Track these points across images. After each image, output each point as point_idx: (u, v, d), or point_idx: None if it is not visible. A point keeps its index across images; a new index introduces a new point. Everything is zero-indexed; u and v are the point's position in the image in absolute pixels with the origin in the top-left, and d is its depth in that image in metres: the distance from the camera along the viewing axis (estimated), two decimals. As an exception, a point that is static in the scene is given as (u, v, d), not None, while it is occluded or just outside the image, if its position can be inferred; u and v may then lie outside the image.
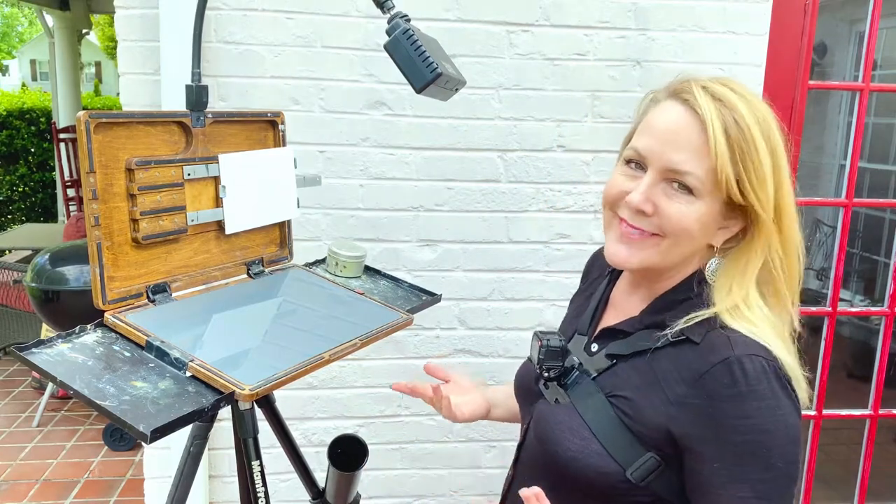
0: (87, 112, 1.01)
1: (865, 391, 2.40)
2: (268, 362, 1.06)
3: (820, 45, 5.12)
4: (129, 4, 1.82)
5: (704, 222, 0.96)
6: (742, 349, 0.91)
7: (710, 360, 0.92)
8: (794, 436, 0.90)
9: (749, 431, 0.89)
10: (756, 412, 0.89)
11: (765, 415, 0.89)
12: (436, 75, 1.07)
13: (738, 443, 0.89)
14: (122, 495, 3.12)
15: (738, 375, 0.89)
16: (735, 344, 0.92)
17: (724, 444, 0.90)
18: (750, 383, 0.89)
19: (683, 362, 0.94)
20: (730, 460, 0.90)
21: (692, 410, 0.92)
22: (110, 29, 21.03)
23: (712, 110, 0.94)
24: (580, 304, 1.23)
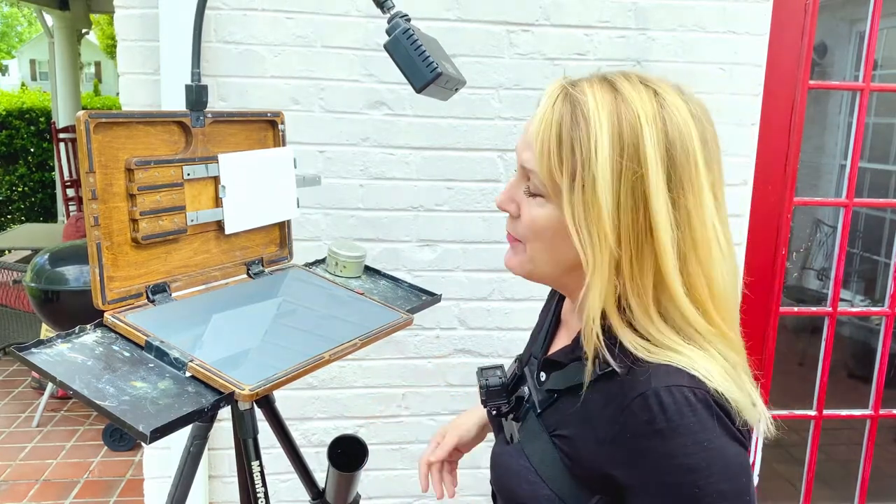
0: (87, 112, 1.01)
1: (865, 391, 2.40)
2: (268, 362, 1.05)
3: (820, 45, 5.12)
4: (129, 4, 1.82)
5: (558, 230, 0.85)
6: (660, 380, 0.80)
7: (630, 394, 0.81)
8: (734, 471, 0.79)
9: (676, 472, 0.78)
10: (681, 449, 0.78)
11: (692, 451, 0.78)
12: (436, 75, 1.06)
13: (667, 484, 0.79)
14: (122, 495, 3.11)
15: (657, 410, 0.78)
16: (654, 375, 0.80)
17: (654, 486, 0.80)
18: (670, 418, 0.78)
19: (610, 396, 0.84)
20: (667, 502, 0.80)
21: (620, 450, 0.82)
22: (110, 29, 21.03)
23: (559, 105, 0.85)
24: (540, 322, 1.16)
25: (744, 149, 2.09)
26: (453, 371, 2.12)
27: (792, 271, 5.28)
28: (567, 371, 0.91)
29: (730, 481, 0.79)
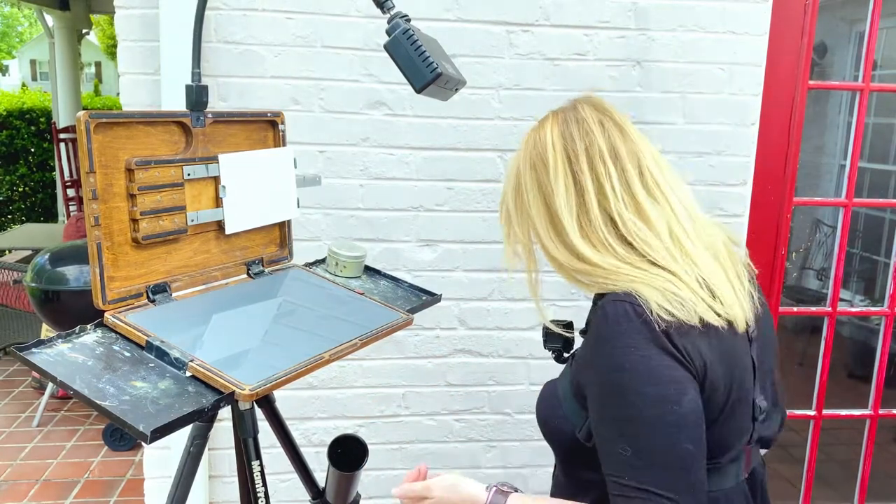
0: (87, 112, 1.01)
1: (865, 391, 2.40)
2: (268, 362, 1.06)
3: (820, 45, 5.12)
4: (129, 4, 1.82)
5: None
6: (609, 298, 0.97)
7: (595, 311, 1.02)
8: (660, 378, 0.90)
9: (607, 371, 0.94)
10: (611, 351, 0.93)
11: (619, 354, 0.92)
12: (436, 75, 1.07)
13: (600, 383, 0.95)
14: (122, 495, 3.11)
15: (601, 321, 0.96)
16: (610, 295, 0.98)
17: (593, 386, 0.97)
18: (609, 325, 0.94)
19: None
20: (600, 403, 0.96)
21: (580, 360, 1.04)
22: (110, 29, 21.03)
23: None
24: None
25: (743, 149, 2.09)
26: (453, 371, 2.12)
27: (791, 271, 5.28)
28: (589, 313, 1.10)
29: (655, 386, 0.90)
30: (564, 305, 2.11)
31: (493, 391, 2.14)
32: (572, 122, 1.08)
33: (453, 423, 2.15)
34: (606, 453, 0.94)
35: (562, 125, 1.08)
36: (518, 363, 2.14)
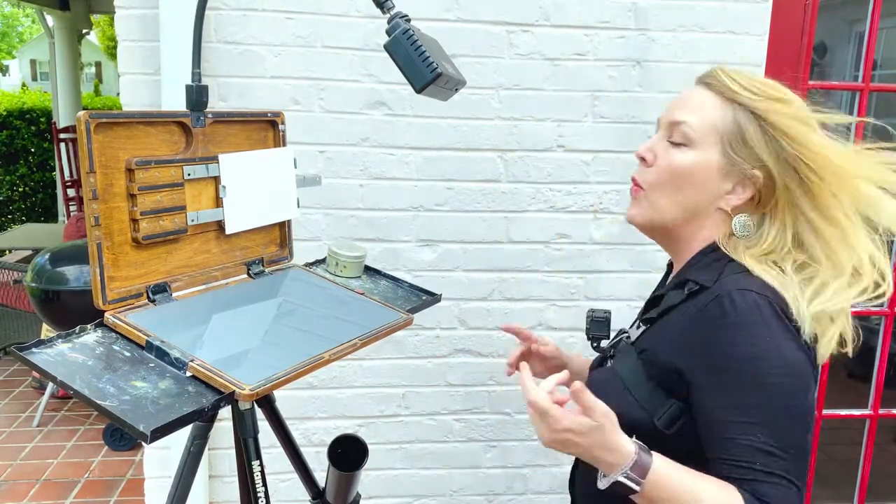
0: (88, 112, 1.01)
1: (865, 391, 2.40)
2: (268, 362, 1.06)
3: (820, 45, 5.11)
4: (129, 4, 1.82)
5: (697, 173, 1.03)
6: (735, 284, 0.97)
7: (709, 298, 0.98)
8: (796, 369, 0.94)
9: (737, 359, 0.94)
10: (745, 339, 0.94)
11: (755, 342, 0.94)
12: (436, 75, 1.07)
13: (728, 369, 0.95)
14: (122, 495, 3.11)
15: (728, 307, 0.95)
16: (736, 282, 0.98)
17: (715, 371, 0.96)
18: (739, 314, 0.95)
19: (692, 306, 1.01)
20: (728, 389, 0.95)
21: (689, 344, 0.99)
22: (110, 29, 21.02)
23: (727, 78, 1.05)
24: None
25: (743, 149, 2.09)
26: (453, 371, 2.12)
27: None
28: (662, 303, 1.08)
29: (791, 377, 0.94)
30: (565, 305, 2.11)
31: (493, 391, 2.14)
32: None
33: (453, 423, 2.15)
34: (729, 438, 0.94)
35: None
36: (518, 363, 2.14)
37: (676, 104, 1.09)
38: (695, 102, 1.06)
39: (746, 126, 1.02)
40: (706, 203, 1.06)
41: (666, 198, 1.06)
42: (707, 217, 1.07)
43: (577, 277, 2.11)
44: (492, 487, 2.19)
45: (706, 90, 1.07)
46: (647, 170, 1.07)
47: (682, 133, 1.04)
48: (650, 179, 1.07)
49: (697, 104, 1.05)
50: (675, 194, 1.05)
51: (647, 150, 1.08)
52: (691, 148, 1.04)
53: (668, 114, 1.09)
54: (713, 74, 1.07)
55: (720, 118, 1.03)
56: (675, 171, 1.04)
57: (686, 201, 1.05)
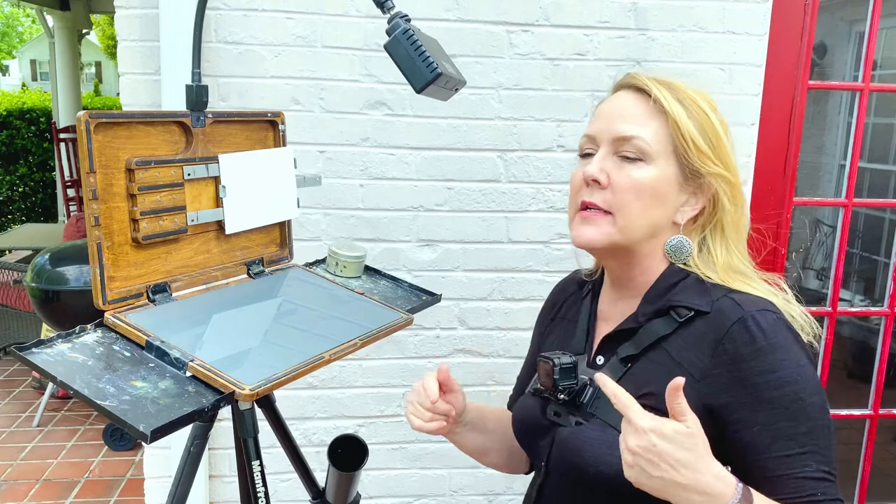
0: (88, 112, 1.01)
1: (865, 391, 2.40)
2: (268, 362, 1.06)
3: (820, 45, 5.11)
4: (129, 4, 1.82)
5: (660, 188, 0.99)
6: (751, 307, 0.94)
7: (725, 324, 0.93)
8: (819, 385, 0.94)
9: (778, 385, 0.91)
10: (780, 365, 0.91)
11: (789, 367, 0.91)
12: (436, 75, 1.07)
13: (771, 399, 0.91)
14: (122, 495, 3.12)
15: (756, 332, 0.92)
16: (743, 303, 0.94)
17: (758, 403, 0.91)
18: (768, 338, 0.91)
19: (698, 336, 0.96)
20: (769, 419, 0.91)
21: (720, 379, 0.93)
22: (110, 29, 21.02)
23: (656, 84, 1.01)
24: (563, 331, 1.19)
25: (743, 149, 2.09)
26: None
27: (791, 271, 5.27)
28: (637, 337, 1.01)
29: (818, 395, 0.93)
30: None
31: (493, 391, 2.14)
32: None
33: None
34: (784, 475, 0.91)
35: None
36: (518, 363, 2.12)
37: (613, 116, 1.02)
38: (636, 112, 1.00)
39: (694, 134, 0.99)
40: (668, 217, 1.01)
41: (634, 217, 0.98)
42: (664, 232, 1.02)
43: (577, 277, 2.11)
44: (492, 487, 2.19)
45: (639, 97, 1.01)
46: (604, 192, 0.99)
47: (636, 148, 0.98)
48: (611, 200, 0.99)
49: (641, 115, 1.00)
50: (643, 212, 0.98)
51: (599, 172, 0.99)
52: (648, 163, 0.98)
53: (607, 128, 1.01)
54: (643, 81, 1.02)
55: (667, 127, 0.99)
56: (639, 189, 0.98)
57: (653, 218, 0.99)
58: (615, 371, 1.01)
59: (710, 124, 1.00)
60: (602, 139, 1.01)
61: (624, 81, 1.05)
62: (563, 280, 1.29)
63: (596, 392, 1.00)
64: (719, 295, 0.97)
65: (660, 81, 1.02)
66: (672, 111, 0.98)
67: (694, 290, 0.99)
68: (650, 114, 0.99)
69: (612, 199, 0.99)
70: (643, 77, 1.02)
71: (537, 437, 1.10)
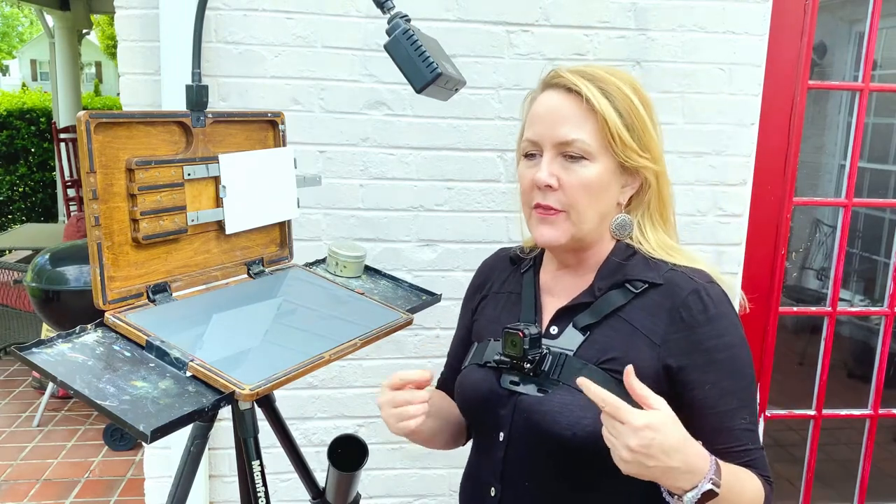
0: (88, 112, 1.01)
1: (865, 391, 2.40)
2: (268, 362, 1.06)
3: (820, 45, 5.11)
4: (129, 4, 1.82)
5: (604, 180, 1.06)
6: (701, 278, 1.05)
7: (680, 294, 1.04)
8: (748, 346, 1.06)
9: (726, 348, 1.03)
10: (727, 330, 1.03)
11: (732, 332, 1.04)
12: (436, 75, 1.07)
13: (720, 360, 1.02)
14: (122, 495, 3.12)
15: (708, 301, 1.03)
16: (694, 275, 1.06)
17: (710, 364, 1.02)
18: (717, 306, 1.03)
19: (654, 305, 1.05)
20: (717, 378, 1.02)
21: (679, 343, 1.03)
22: (110, 29, 21.03)
23: (585, 83, 1.06)
24: (504, 305, 1.22)
25: (743, 149, 2.09)
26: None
27: (791, 271, 5.28)
28: (595, 307, 1.08)
29: (749, 355, 1.05)
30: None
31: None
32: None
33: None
34: (728, 428, 1.02)
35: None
36: (518, 363, 2.14)
37: (551, 120, 1.07)
38: (572, 114, 1.05)
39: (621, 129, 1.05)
40: (612, 203, 1.09)
41: (587, 212, 1.06)
42: (611, 214, 1.11)
43: (577, 277, 2.11)
44: (492, 487, 2.19)
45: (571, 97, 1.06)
46: (556, 193, 1.06)
47: (578, 149, 1.05)
48: (566, 201, 1.06)
49: (577, 116, 1.05)
50: (594, 206, 1.06)
51: (549, 177, 1.06)
52: (591, 161, 1.05)
53: (549, 133, 1.06)
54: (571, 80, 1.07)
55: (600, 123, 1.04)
56: (588, 186, 1.05)
57: (601, 208, 1.07)
58: (573, 339, 1.07)
59: (636, 111, 1.06)
60: (545, 143, 1.07)
61: (552, 80, 1.10)
62: (490, 257, 1.36)
63: (557, 360, 1.06)
64: (666, 269, 1.07)
65: (584, 75, 1.08)
66: (602, 110, 1.04)
67: (644, 265, 1.08)
68: (584, 114, 1.05)
69: (564, 199, 1.06)
70: (570, 75, 1.08)
71: (496, 407, 1.11)
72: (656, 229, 1.12)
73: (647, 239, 1.10)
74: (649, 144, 1.07)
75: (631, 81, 1.09)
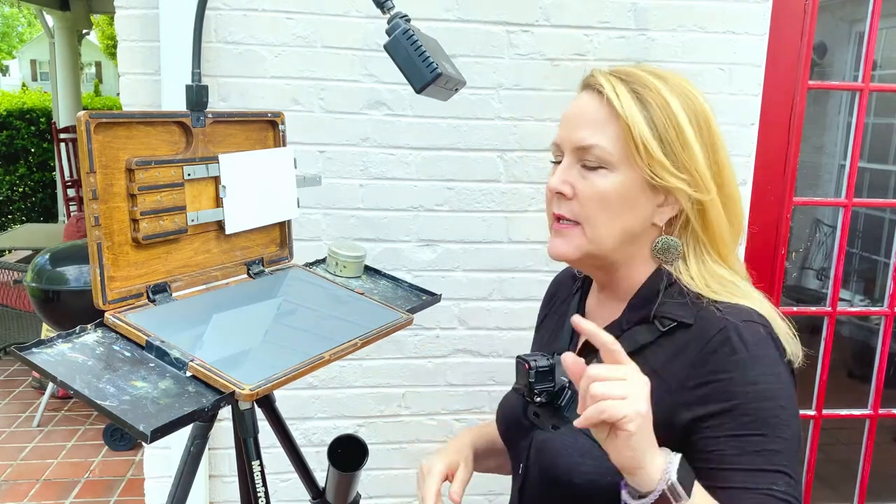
0: (88, 112, 1.01)
1: (865, 391, 2.40)
2: (268, 362, 1.06)
3: (820, 45, 5.12)
4: (129, 4, 1.82)
5: (626, 194, 0.94)
6: (736, 317, 0.90)
7: (707, 335, 0.90)
8: (796, 408, 0.90)
9: (757, 399, 0.87)
10: (761, 378, 0.88)
11: (769, 381, 0.88)
12: (436, 75, 1.07)
13: (748, 411, 0.87)
14: (122, 495, 3.12)
15: (737, 343, 0.88)
16: (727, 313, 0.91)
17: (735, 414, 0.87)
18: (750, 349, 0.88)
19: (680, 346, 0.93)
20: (740, 430, 0.87)
21: (700, 390, 0.90)
22: (110, 29, 21.03)
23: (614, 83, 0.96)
24: (552, 328, 1.19)
25: (743, 149, 2.09)
26: (453, 371, 2.12)
27: (791, 271, 5.28)
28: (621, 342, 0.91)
29: (795, 418, 0.89)
30: (564, 305, 2.11)
31: (493, 391, 2.14)
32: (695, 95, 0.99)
33: (453, 423, 2.15)
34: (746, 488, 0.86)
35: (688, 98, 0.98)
36: (518, 363, 2.14)
37: (573, 123, 0.98)
38: (594, 118, 0.95)
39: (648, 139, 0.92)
40: (641, 222, 0.96)
41: (604, 227, 0.95)
42: (644, 235, 0.98)
43: (577, 277, 2.11)
44: (492, 487, 2.19)
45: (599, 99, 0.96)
46: (570, 202, 0.96)
47: (595, 157, 0.94)
48: (580, 212, 0.96)
49: (599, 119, 0.95)
50: (612, 222, 0.95)
51: (562, 184, 0.96)
52: (611, 170, 0.94)
53: (568, 137, 0.98)
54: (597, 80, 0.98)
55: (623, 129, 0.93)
56: (604, 198, 0.94)
57: (623, 225, 0.95)
58: None
59: (674, 121, 0.93)
60: (565, 147, 0.99)
61: (586, 81, 1.01)
62: (561, 272, 1.27)
63: (573, 396, 0.94)
64: (702, 305, 0.93)
65: (621, 75, 0.97)
66: (626, 113, 0.93)
67: (678, 300, 0.95)
68: (608, 117, 0.94)
69: (578, 209, 0.96)
70: (600, 75, 0.98)
71: (518, 438, 1.09)
72: (702, 258, 0.96)
73: (689, 268, 0.96)
74: (688, 163, 0.93)
75: (684, 88, 0.96)
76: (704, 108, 0.96)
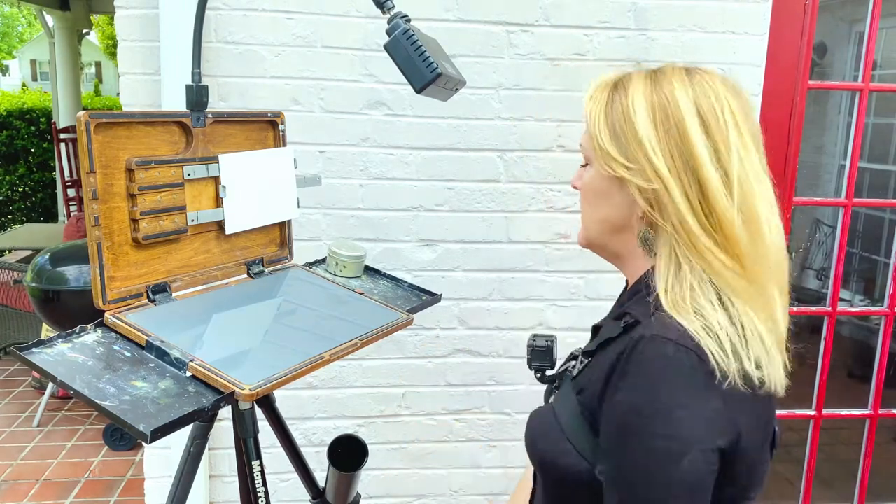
0: (88, 112, 1.01)
1: (865, 391, 2.40)
2: (268, 362, 1.06)
3: (820, 45, 5.12)
4: (129, 4, 1.82)
5: (598, 186, 0.98)
6: (663, 331, 0.84)
7: (632, 341, 0.86)
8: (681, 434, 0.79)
9: (620, 406, 0.83)
10: (631, 389, 0.82)
11: (642, 396, 0.81)
12: (436, 75, 1.07)
13: (611, 418, 0.85)
14: (122, 495, 3.11)
15: (635, 354, 0.84)
16: (657, 327, 0.85)
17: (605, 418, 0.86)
18: (641, 364, 0.83)
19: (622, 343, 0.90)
20: (604, 438, 0.86)
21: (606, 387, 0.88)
22: (110, 29, 21.03)
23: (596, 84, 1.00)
24: None
25: (743, 149, 2.09)
26: (453, 371, 2.12)
27: (791, 271, 5.28)
28: (601, 332, 0.96)
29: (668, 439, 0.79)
30: (564, 305, 2.11)
31: (493, 391, 2.15)
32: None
33: (453, 423, 2.15)
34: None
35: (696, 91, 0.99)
36: (518, 363, 2.14)
37: None
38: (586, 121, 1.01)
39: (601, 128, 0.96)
40: (623, 215, 0.96)
41: (587, 218, 1.02)
42: (630, 228, 0.96)
43: (577, 277, 2.11)
44: (492, 487, 2.19)
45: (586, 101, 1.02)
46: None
47: (583, 155, 1.02)
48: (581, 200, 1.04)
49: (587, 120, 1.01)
50: (593, 213, 1.00)
51: (574, 180, 1.05)
52: (591, 165, 1.00)
53: None
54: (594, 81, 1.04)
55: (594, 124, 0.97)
56: (587, 191, 1.01)
57: (601, 216, 0.98)
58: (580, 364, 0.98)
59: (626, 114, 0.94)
60: None
61: None
62: None
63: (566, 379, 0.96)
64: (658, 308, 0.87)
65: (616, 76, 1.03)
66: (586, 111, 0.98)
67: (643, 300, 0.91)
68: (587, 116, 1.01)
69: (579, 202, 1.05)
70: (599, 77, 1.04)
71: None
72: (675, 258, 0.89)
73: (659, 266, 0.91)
74: (638, 153, 0.91)
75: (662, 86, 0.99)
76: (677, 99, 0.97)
